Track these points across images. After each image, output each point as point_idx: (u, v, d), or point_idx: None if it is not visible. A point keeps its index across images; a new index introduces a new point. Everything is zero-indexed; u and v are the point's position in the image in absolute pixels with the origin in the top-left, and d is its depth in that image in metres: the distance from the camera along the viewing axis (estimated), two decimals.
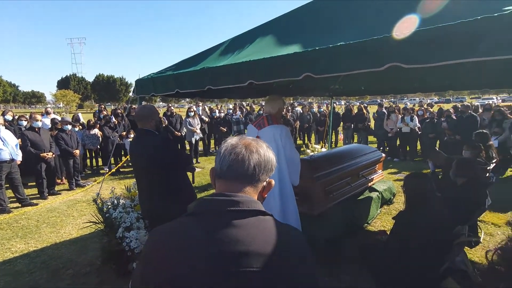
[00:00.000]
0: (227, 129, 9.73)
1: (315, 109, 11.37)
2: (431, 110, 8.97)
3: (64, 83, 64.96)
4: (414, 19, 1.60)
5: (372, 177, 4.35)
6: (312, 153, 5.32)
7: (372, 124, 9.80)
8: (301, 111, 11.38)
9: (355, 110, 9.99)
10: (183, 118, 8.45)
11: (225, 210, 0.80)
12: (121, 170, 7.66)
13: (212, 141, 10.58)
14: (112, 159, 7.65)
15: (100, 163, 8.06)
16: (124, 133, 7.79)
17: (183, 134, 8.29)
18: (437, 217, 2.26)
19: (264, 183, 0.91)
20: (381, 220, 4.21)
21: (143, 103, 3.45)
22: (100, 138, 7.42)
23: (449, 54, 1.41)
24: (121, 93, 69.37)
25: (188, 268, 0.74)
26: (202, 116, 9.49)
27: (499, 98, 40.61)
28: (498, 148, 5.59)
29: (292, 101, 21.29)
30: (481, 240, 3.39)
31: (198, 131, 8.45)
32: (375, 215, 4.26)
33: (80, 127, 7.56)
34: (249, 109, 11.75)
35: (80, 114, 8.62)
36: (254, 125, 2.84)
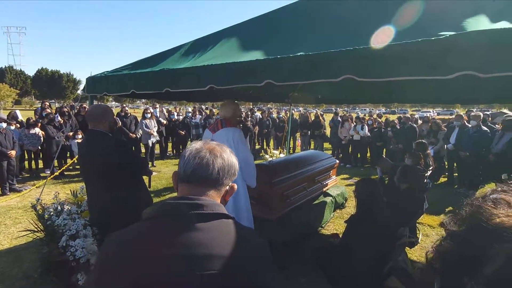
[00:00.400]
0: (186, 133, 9.50)
1: (274, 115, 11.63)
2: (380, 120, 9.72)
3: None
4: (376, 35, 1.73)
5: (326, 182, 4.56)
6: (271, 159, 5.42)
7: (328, 131, 10.31)
8: (261, 117, 11.56)
9: (312, 118, 10.44)
10: (139, 120, 8.06)
11: (189, 214, 0.80)
12: (65, 173, 7.00)
13: (170, 144, 10.23)
14: (56, 161, 6.96)
15: (40, 165, 7.29)
16: (71, 133, 7.16)
17: (138, 136, 7.89)
18: (384, 220, 2.45)
19: (227, 187, 0.93)
20: (334, 224, 4.43)
21: (95, 102, 3.23)
22: (42, 138, 6.73)
23: (395, 71, 1.56)
24: (67, 90, 63.51)
25: (150, 273, 0.73)
26: (160, 118, 9.13)
27: (435, 111, 45.65)
28: (434, 156, 6.25)
29: (251, 107, 21.53)
30: (419, 240, 3.74)
31: (155, 133, 8.12)
32: (328, 219, 4.46)
33: (18, 125, 6.77)
34: (208, 113, 11.60)
35: (18, 111, 7.73)
36: (209, 129, 2.91)
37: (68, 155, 7.47)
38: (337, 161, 5.12)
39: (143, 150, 8.33)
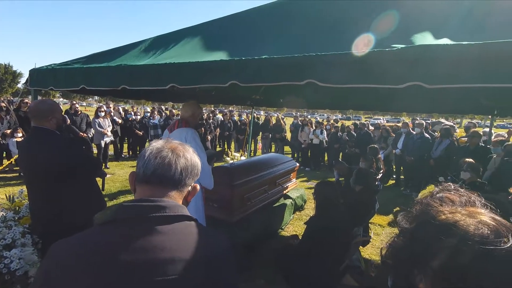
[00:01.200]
0: (144, 133, 9.07)
1: (236, 118, 11.63)
2: (337, 125, 10.27)
3: None
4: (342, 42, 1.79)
5: (287, 185, 4.66)
6: (232, 161, 5.39)
7: (288, 135, 10.58)
8: (222, 119, 11.48)
9: (274, 121, 10.64)
10: (91, 118, 7.49)
11: (149, 216, 0.76)
12: (0, 175, 6.24)
13: (126, 145, 9.67)
14: None
15: None
16: (9, 131, 6.42)
17: (89, 136, 7.33)
18: (341, 220, 2.57)
19: (190, 187, 0.90)
20: (294, 225, 4.54)
21: (39, 97, 2.94)
22: None
23: (353, 78, 1.64)
24: (5, 83, 56.69)
25: (105, 281, 0.67)
26: (115, 118, 8.59)
27: (384, 119, 49.57)
28: (384, 160, 6.74)
29: (213, 109, 21.31)
30: (370, 239, 3.99)
31: (109, 133, 7.61)
32: (288, 221, 4.56)
33: None
34: (168, 114, 11.21)
35: None
36: (168, 128, 2.93)
37: (4, 155, 6.68)
38: (297, 164, 5.27)
39: (95, 151, 7.76)
